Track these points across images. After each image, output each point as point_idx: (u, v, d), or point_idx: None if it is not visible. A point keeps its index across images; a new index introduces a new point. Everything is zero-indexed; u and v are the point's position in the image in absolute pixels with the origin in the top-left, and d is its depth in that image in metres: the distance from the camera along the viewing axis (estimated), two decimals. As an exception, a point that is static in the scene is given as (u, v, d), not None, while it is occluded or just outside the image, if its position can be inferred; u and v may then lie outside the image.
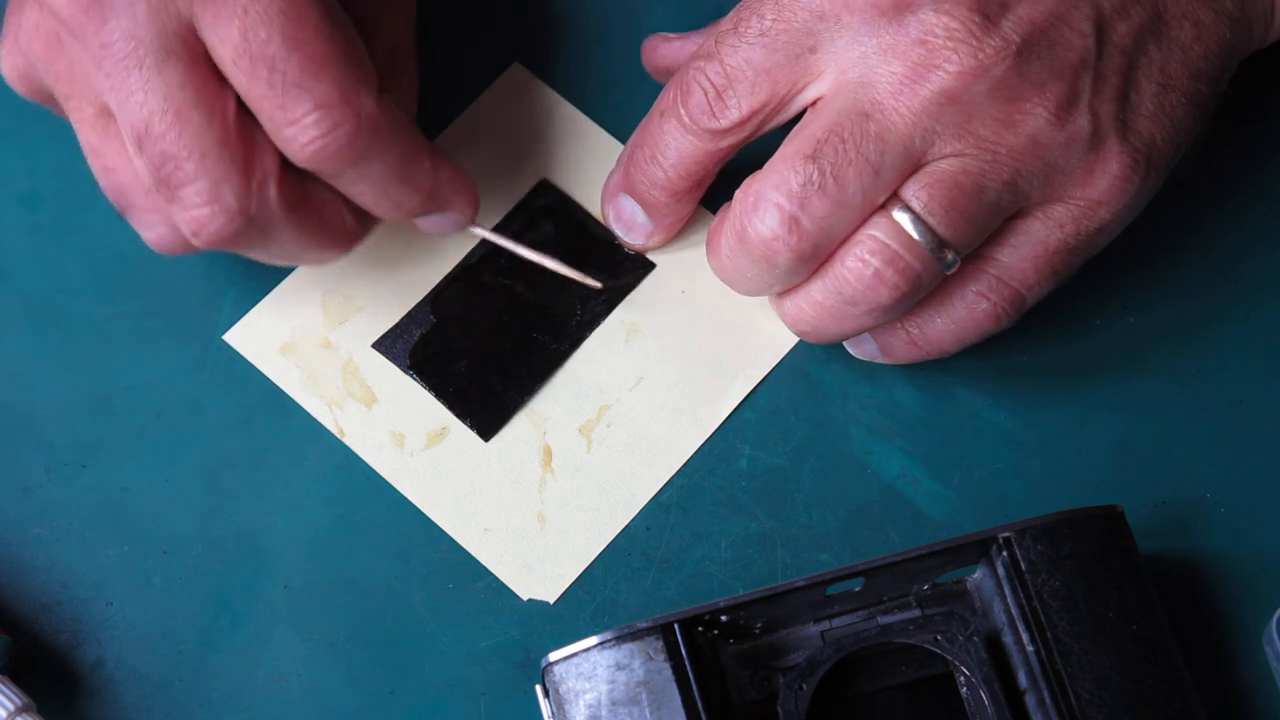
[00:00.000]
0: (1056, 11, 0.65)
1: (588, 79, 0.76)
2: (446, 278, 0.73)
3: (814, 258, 0.66)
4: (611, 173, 0.72)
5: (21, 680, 0.67)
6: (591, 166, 0.74)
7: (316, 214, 0.67)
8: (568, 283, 0.73)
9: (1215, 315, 0.73)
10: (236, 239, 0.65)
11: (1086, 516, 0.66)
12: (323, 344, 0.72)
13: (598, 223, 0.73)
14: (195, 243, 0.65)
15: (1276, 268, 0.74)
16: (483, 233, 0.71)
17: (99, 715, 0.68)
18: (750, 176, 0.67)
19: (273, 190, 0.65)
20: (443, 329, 0.73)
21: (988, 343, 0.69)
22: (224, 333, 0.72)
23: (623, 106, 0.75)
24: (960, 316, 0.68)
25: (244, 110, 0.64)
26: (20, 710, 0.65)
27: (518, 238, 0.72)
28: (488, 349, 0.72)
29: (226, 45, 0.63)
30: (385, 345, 0.72)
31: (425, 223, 0.69)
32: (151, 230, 0.66)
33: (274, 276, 0.73)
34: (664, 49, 0.73)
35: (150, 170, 0.64)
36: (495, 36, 0.76)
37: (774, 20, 0.66)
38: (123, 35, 0.63)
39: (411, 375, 0.72)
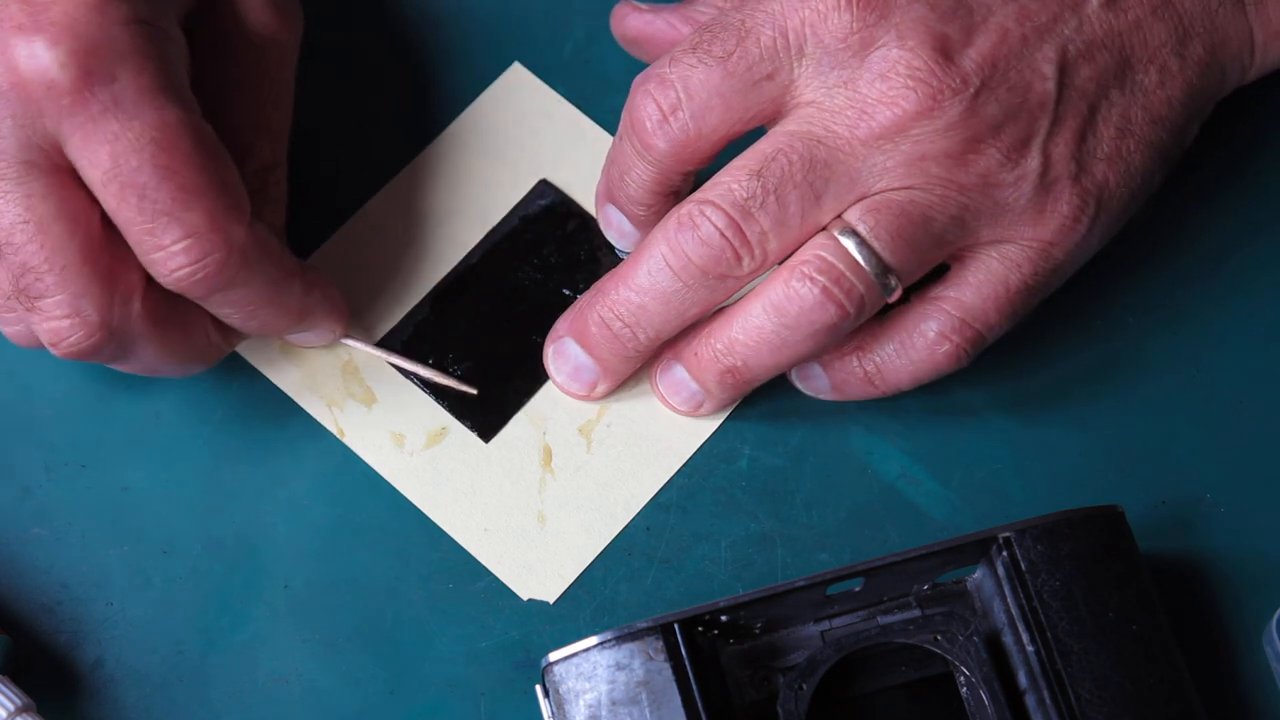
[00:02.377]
0: (1018, 51, 0.65)
1: (588, 79, 0.76)
2: (446, 278, 0.73)
3: (748, 272, 0.66)
4: (599, 181, 0.72)
5: (21, 680, 0.67)
6: (591, 166, 0.74)
7: (181, 329, 0.66)
8: (567, 285, 0.73)
9: (1216, 316, 0.73)
10: (96, 352, 0.64)
11: (1086, 516, 0.66)
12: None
13: (597, 223, 0.73)
14: (54, 353, 0.64)
15: (1277, 268, 0.74)
16: (355, 345, 0.71)
17: (99, 715, 0.68)
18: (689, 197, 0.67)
19: (136, 305, 0.64)
20: (443, 329, 0.73)
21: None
22: (224, 333, 0.72)
23: (622, 107, 0.74)
24: (920, 358, 0.68)
25: (110, 223, 0.64)
26: (20, 710, 0.65)
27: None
28: (488, 349, 0.72)
29: (96, 168, 0.62)
30: (385, 346, 0.72)
31: (294, 337, 0.70)
32: (10, 328, 0.66)
33: (274, 277, 0.73)
34: (633, 19, 0.73)
35: (10, 279, 0.64)
36: (495, 36, 0.76)
37: (737, 44, 0.66)
38: None
39: (411, 376, 0.72)
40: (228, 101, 0.67)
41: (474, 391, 0.72)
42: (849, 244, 0.65)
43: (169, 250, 0.63)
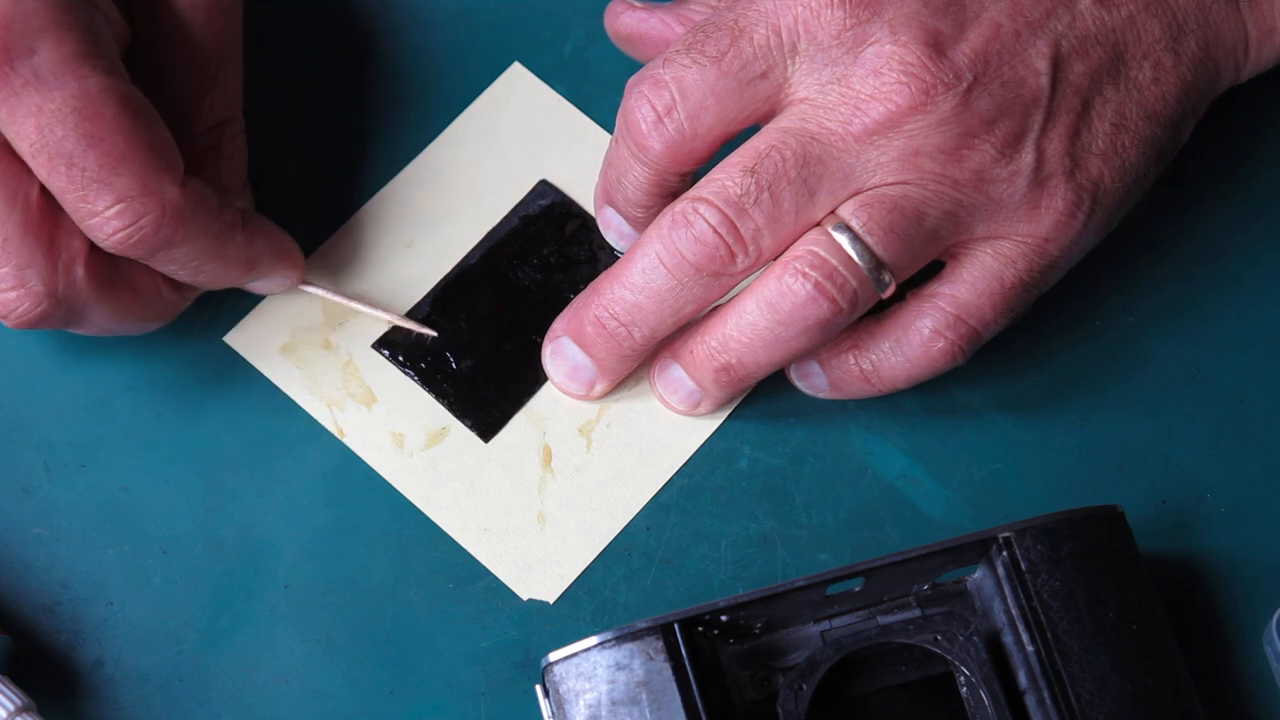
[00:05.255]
0: (1011, 47, 0.65)
1: (588, 79, 0.76)
2: (446, 277, 0.73)
3: (742, 269, 0.66)
4: (597, 183, 0.72)
5: (21, 680, 0.67)
6: (591, 166, 0.74)
7: (130, 290, 0.67)
8: (567, 285, 0.73)
9: (1215, 315, 0.73)
10: (47, 320, 0.65)
11: (1086, 516, 0.66)
12: (323, 345, 0.72)
13: (597, 223, 0.73)
14: (6, 324, 0.65)
15: (1277, 268, 0.74)
16: (314, 290, 0.72)
17: (99, 715, 0.68)
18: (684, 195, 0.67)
19: (80, 271, 0.65)
20: (443, 329, 0.73)
21: (988, 343, 0.69)
22: (224, 334, 0.72)
23: (622, 106, 0.75)
24: (916, 355, 0.68)
25: (49, 193, 0.64)
26: (20, 710, 0.65)
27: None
28: (488, 349, 0.72)
29: (23, 140, 0.63)
30: (385, 346, 0.72)
31: (252, 285, 0.71)
32: None
33: (274, 276, 0.73)
34: (626, 17, 0.73)
35: None
36: (495, 36, 0.76)
37: (730, 44, 0.66)
38: None
39: (411, 376, 0.72)
40: (171, 61, 0.68)
41: (433, 333, 0.71)
42: (842, 239, 0.65)
43: (103, 215, 0.64)
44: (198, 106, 0.68)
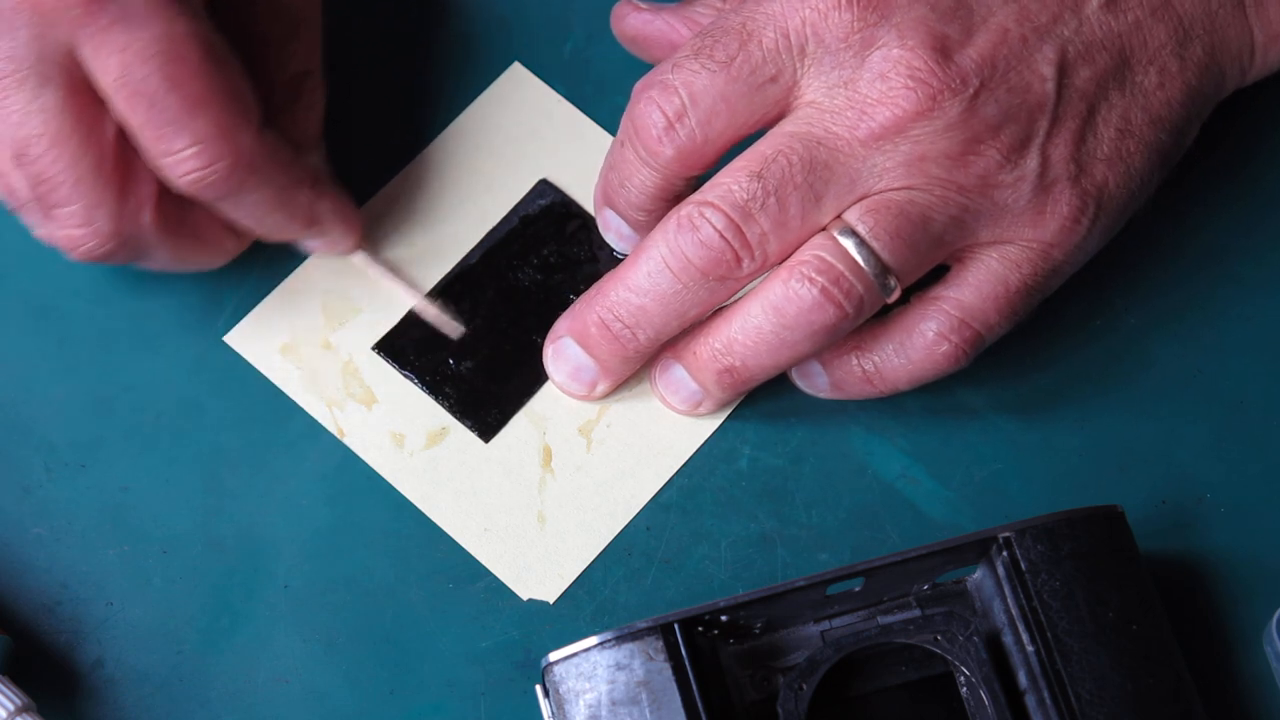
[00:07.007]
0: (1018, 52, 0.65)
1: (588, 79, 0.76)
2: (446, 278, 0.73)
3: (747, 274, 0.66)
4: (596, 184, 0.72)
5: (21, 680, 0.67)
6: (591, 166, 0.74)
7: (193, 235, 0.69)
8: (567, 285, 0.73)
9: (1216, 315, 0.73)
10: (110, 259, 0.67)
11: (1086, 516, 0.66)
12: (323, 345, 0.73)
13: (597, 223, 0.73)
14: (70, 258, 0.66)
15: (1277, 268, 0.74)
16: (365, 263, 0.72)
17: (99, 715, 0.68)
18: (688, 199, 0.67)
19: (148, 216, 0.67)
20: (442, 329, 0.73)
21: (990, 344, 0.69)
22: (224, 334, 0.72)
23: (622, 106, 0.74)
24: (919, 358, 0.68)
25: (124, 138, 0.66)
26: (20, 710, 0.65)
27: (513, 242, 0.73)
28: (488, 349, 0.72)
29: (107, 75, 0.64)
30: (385, 346, 0.72)
31: (309, 244, 0.72)
32: (41, 229, 0.67)
33: (275, 278, 0.73)
34: (633, 18, 0.73)
35: (28, 188, 0.66)
36: (495, 36, 0.76)
37: (739, 48, 0.66)
38: (3, 57, 0.64)
39: (411, 376, 0.72)
40: (255, 10, 0.70)
41: (462, 328, 0.72)
42: (848, 244, 0.65)
43: (178, 156, 0.65)
44: (279, 56, 0.70)
